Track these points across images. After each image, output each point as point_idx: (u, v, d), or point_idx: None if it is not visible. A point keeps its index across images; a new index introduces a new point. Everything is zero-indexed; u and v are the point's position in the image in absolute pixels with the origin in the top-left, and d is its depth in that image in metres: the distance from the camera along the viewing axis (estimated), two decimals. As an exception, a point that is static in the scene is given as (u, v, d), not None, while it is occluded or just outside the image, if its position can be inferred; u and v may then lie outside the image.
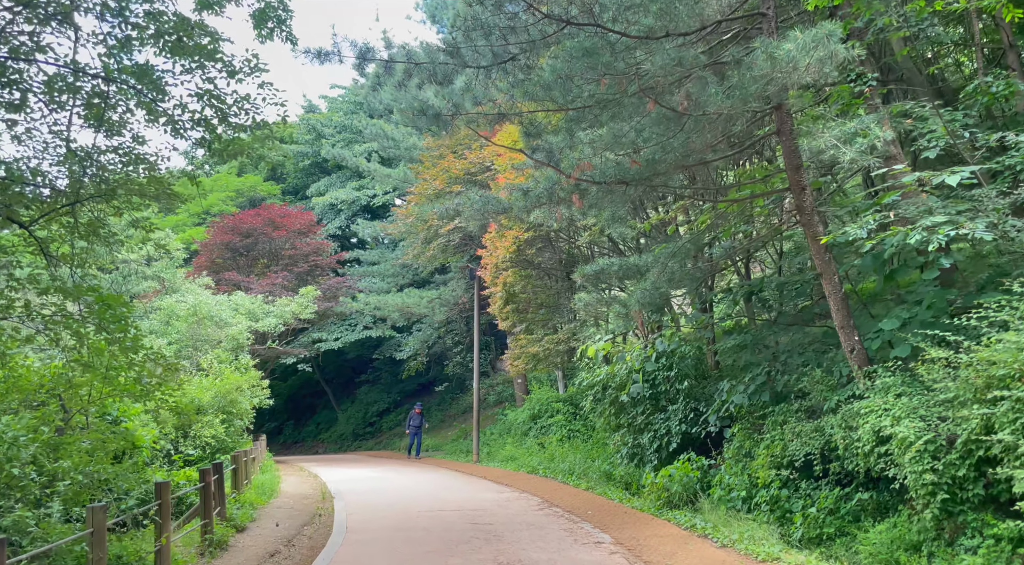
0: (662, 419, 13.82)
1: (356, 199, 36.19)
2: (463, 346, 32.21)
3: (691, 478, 11.70)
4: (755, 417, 11.60)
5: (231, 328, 22.41)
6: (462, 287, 28.61)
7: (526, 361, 18.10)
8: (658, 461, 13.53)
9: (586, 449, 18.42)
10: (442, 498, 14.40)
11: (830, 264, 10.12)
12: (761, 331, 12.46)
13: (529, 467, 19.11)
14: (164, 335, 22.26)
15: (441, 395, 34.89)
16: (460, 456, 25.69)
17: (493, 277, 17.73)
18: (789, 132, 10.09)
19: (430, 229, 23.40)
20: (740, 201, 10.97)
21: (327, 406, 42.04)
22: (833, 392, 10.12)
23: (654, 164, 9.85)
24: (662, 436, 13.60)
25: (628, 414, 14.26)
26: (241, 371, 20.62)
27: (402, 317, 29.93)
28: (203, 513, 9.07)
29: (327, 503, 13.93)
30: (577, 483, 15.47)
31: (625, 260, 12.61)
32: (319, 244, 31.27)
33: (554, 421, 21.51)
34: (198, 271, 27.68)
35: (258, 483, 15.56)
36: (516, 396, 27.41)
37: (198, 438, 18.26)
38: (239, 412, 19.80)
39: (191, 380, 19.28)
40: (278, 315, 25.07)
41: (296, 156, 41.77)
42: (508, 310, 17.56)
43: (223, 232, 29.09)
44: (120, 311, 7.99)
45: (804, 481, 9.96)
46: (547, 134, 10.39)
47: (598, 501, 13.27)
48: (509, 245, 16.24)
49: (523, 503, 13.52)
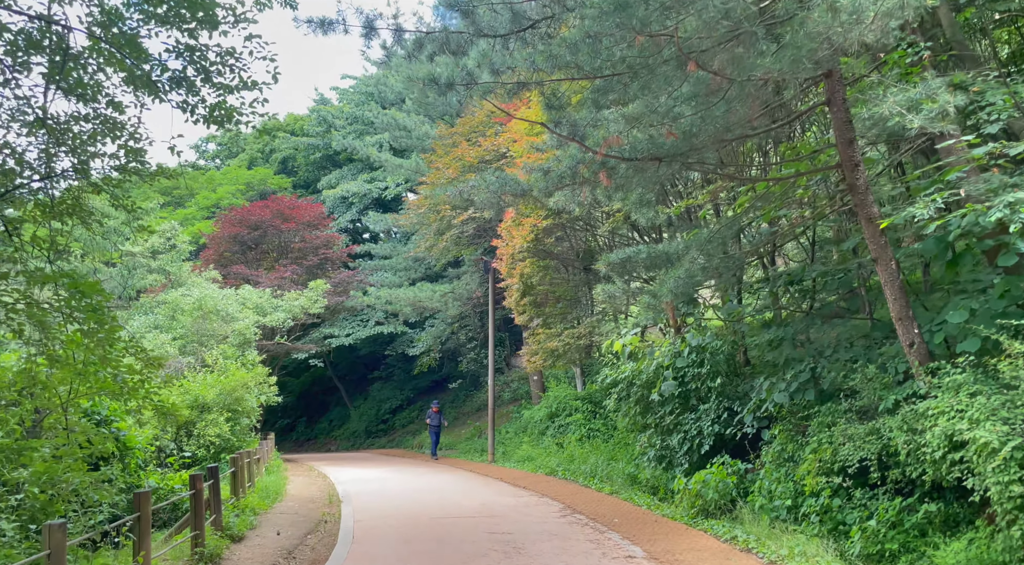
0: (692, 419, 12.85)
1: (367, 192, 35.37)
2: (477, 342, 31.36)
3: (728, 484, 10.74)
4: (798, 418, 10.62)
5: (238, 323, 21.63)
6: (476, 281, 27.71)
7: (544, 357, 17.17)
8: (688, 464, 12.58)
9: (608, 450, 17.49)
10: (456, 503, 13.52)
11: (886, 249, 9.12)
12: (801, 324, 11.46)
13: (547, 468, 18.21)
14: (169, 330, 21.52)
15: (455, 392, 34.07)
16: (474, 455, 24.82)
17: (509, 268, 16.79)
18: (841, 101, 9.10)
19: (443, 220, 22.50)
20: (783, 180, 9.97)
21: (340, 403, 41.39)
22: (889, 391, 9.14)
23: (691, 138, 8.88)
24: (693, 438, 12.64)
25: (655, 414, 13.31)
26: (247, 367, 19.84)
27: (414, 312, 29.07)
28: (193, 523, 8.23)
29: (334, 508, 13.08)
30: (600, 487, 14.54)
31: (654, 247, 11.64)
32: (329, 237, 30.45)
33: (573, 420, 20.60)
34: (205, 265, 26.94)
35: (262, 486, 14.75)
36: (532, 393, 26.50)
37: (202, 437, 17.52)
38: (245, 410, 19.03)
39: (195, 377, 18.51)
40: (287, 310, 24.27)
41: (307, 149, 41.03)
42: (525, 303, 16.61)
43: (231, 224, 28.32)
44: (96, 300, 7.12)
45: (858, 489, 8.98)
46: (571, 108, 9.44)
47: (624, 507, 12.34)
48: (527, 234, 15.30)
49: (543, 509, 12.61)
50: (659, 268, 12.00)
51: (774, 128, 9.80)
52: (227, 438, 17.80)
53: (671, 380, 12.07)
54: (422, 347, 31.36)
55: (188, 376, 18.45)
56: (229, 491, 11.37)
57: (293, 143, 40.82)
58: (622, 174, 9.52)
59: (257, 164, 43.12)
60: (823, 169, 9.57)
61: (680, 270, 10.09)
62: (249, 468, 14.14)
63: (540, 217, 15.07)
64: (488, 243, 24.62)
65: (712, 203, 12.60)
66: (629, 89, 8.86)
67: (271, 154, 43.88)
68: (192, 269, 25.63)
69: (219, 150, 49.48)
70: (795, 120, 9.97)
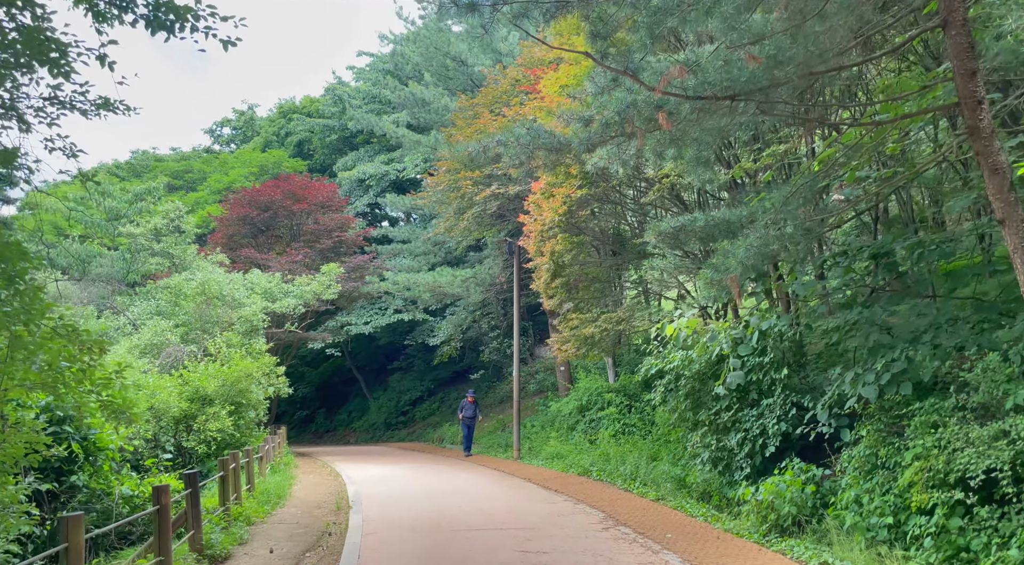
0: (754, 416, 11.08)
1: (385, 173, 33.76)
2: (500, 331, 29.73)
3: (806, 495, 8.98)
4: (891, 416, 8.82)
5: (244, 309, 20.14)
6: (499, 265, 26.01)
7: (577, 345, 15.43)
8: (751, 469, 10.82)
9: (647, 448, 15.78)
10: (481, 509, 11.88)
11: (1016, 208, 7.28)
12: (891, 304, 9.65)
13: (580, 468, 16.53)
14: (171, 316, 20.10)
15: (477, 383, 32.49)
16: (498, 451, 23.20)
17: (538, 246, 15.05)
18: (961, 22, 7.24)
19: (463, 198, 20.80)
20: (880, 125, 8.15)
21: (359, 394, 40.17)
22: (1018, 384, 7.34)
23: (773, 68, 7.10)
24: (755, 437, 10.87)
25: (709, 409, 11.55)
26: (253, 356, 18.35)
27: (434, 298, 27.45)
28: (157, 548, 6.64)
29: (342, 515, 11.49)
30: (643, 492, 12.84)
31: (712, 215, 9.88)
32: (343, 218, 28.84)
33: (605, 414, 18.90)
34: (213, 248, 25.50)
35: (263, 488, 13.23)
36: (559, 385, 24.82)
37: (202, 432, 16.06)
38: (251, 403, 17.55)
39: (196, 367, 17.04)
40: (298, 295, 22.75)
41: (322, 130, 39.53)
42: (556, 285, 14.88)
43: (240, 206, 26.80)
44: (21, 267, 5.52)
45: (984, 507, 7.19)
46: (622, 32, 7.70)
47: (676, 518, 10.63)
48: (558, 206, 13.56)
49: (581, 519, 10.93)
50: (718, 239, 10.22)
51: (875, 57, 7.96)
52: (230, 433, 16.33)
53: (739, 370, 10.30)
54: (442, 336, 29.81)
55: (189, 366, 16.99)
56: (218, 499, 9.81)
57: (308, 125, 39.35)
58: (684, 117, 7.76)
59: (272, 148, 41.74)
60: (935, 109, 7.73)
61: (752, 238, 8.32)
62: (248, 469, 12.62)
63: (574, 186, 13.32)
64: (512, 224, 22.92)
65: (780, 164, 10.77)
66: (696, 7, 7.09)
67: (286, 137, 42.48)
68: (199, 252, 24.18)
69: (234, 134, 48.24)
70: (904, 46, 8.13)
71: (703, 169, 10.04)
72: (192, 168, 40.12)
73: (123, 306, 20.94)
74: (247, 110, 48.34)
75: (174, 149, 45.94)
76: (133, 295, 23.47)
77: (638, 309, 15.96)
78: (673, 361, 11.73)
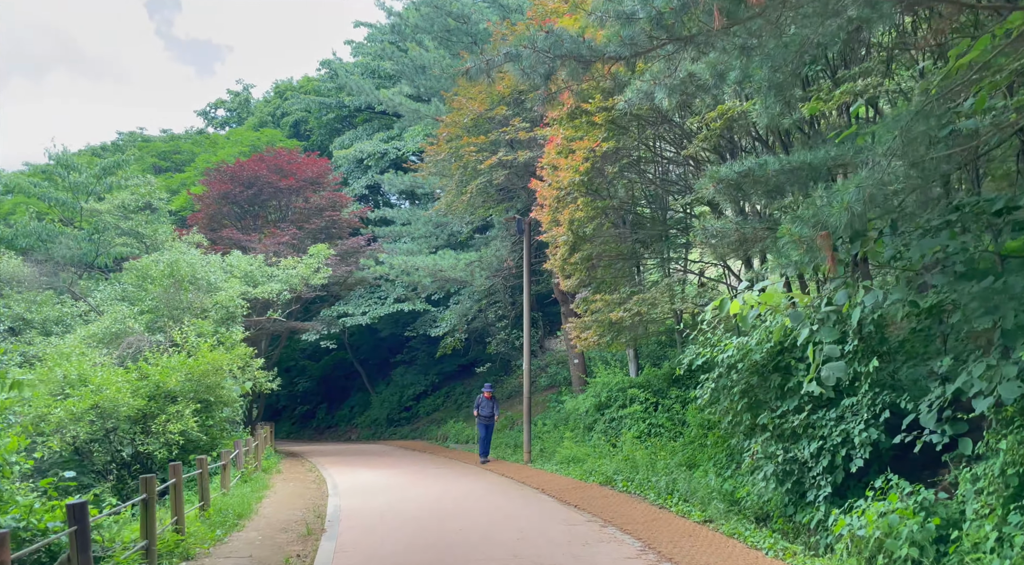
0: (831, 419, 8.72)
1: (384, 153, 31.42)
2: (507, 321, 27.44)
3: (928, 531, 6.60)
4: (1044, 422, 6.46)
5: (221, 293, 17.83)
6: (507, 247, 23.64)
7: (600, 332, 13.05)
8: (831, 487, 8.45)
9: (680, 452, 13.46)
10: (487, 535, 9.57)
11: None
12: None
13: (601, 476, 14.22)
14: (137, 302, 17.83)
15: (483, 377, 30.21)
16: (506, 452, 20.88)
17: (553, 214, 12.65)
18: None
19: (466, 167, 18.41)
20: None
21: (361, 388, 38.18)
22: None
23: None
24: (835, 447, 8.51)
25: (773, 411, 9.19)
26: (227, 347, 16.06)
27: (435, 284, 25.11)
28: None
29: (310, 544, 9.18)
30: (684, 510, 10.49)
31: (790, 156, 7.50)
32: (336, 196, 26.40)
33: (628, 413, 16.55)
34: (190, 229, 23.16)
35: (224, 504, 10.93)
36: (573, 379, 22.47)
37: (162, 434, 13.83)
38: (223, 400, 15.28)
39: (159, 359, 14.77)
40: (283, 279, 20.43)
41: (319, 109, 37.21)
42: (575, 261, 12.48)
43: (221, 182, 24.41)
44: None
45: None
46: None
47: (736, 552, 8.28)
48: (579, 163, 11.16)
49: (612, 550, 8.59)
50: (795, 189, 7.85)
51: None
52: (195, 435, 14.08)
53: (837, 360, 7.89)
54: (446, 327, 27.52)
55: (150, 358, 14.73)
56: (141, 531, 7.50)
57: (304, 103, 37.02)
58: None
59: (267, 129, 39.45)
60: None
61: (864, 175, 5.93)
62: (202, 482, 10.32)
63: (598, 138, 10.93)
64: (521, 202, 20.61)
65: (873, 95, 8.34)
66: None
67: (282, 117, 40.21)
68: (175, 232, 21.87)
69: (228, 117, 45.98)
70: None
71: (776, 97, 7.63)
72: (180, 149, 37.88)
73: (86, 291, 18.76)
74: (242, 91, 45.99)
75: (165, 131, 43.85)
76: (103, 280, 21.24)
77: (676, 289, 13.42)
78: (727, 349, 9.34)
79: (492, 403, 19.28)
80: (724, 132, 9.53)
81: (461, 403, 31.44)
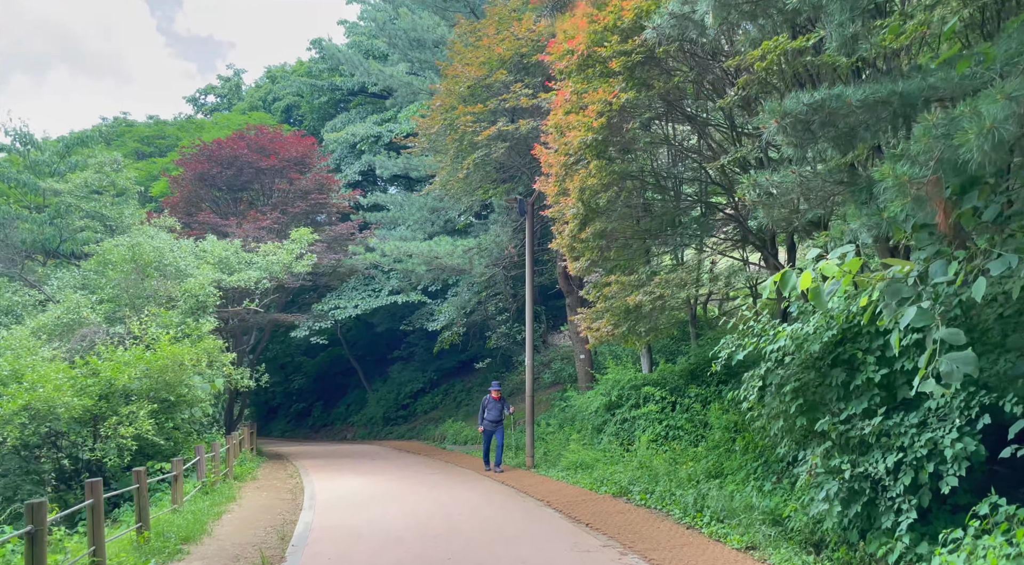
0: (913, 425, 6.97)
1: (378, 136, 29.67)
2: (508, 314, 25.75)
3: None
4: None
5: (190, 281, 16.08)
6: (507, 233, 21.88)
7: (614, 321, 11.25)
8: (916, 512, 6.70)
9: (703, 458, 11.75)
10: (482, 563, 7.84)
11: None
12: None
13: (615, 486, 12.50)
14: (98, 289, 16.09)
15: (483, 373, 28.54)
16: (506, 456, 19.11)
17: (560, 183, 10.85)
18: None
19: (463, 140, 16.61)
20: None
21: (358, 385, 36.70)
22: None
23: None
24: (919, 460, 6.76)
25: (835, 415, 7.44)
26: (192, 340, 14.30)
27: (431, 273, 23.37)
28: None
29: (263, 579, 7.45)
30: (719, 533, 8.74)
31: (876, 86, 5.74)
32: (323, 179, 24.56)
33: (642, 413, 14.84)
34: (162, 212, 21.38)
35: (170, 525, 9.19)
36: (579, 376, 20.75)
37: (113, 438, 12.11)
38: (187, 399, 13.56)
39: (113, 353, 13.05)
40: (263, 266, 18.67)
41: (311, 92, 35.42)
42: (586, 237, 10.66)
43: (198, 162, 22.63)
44: None
45: None
46: None
47: (796, 594, 6.53)
48: (591, 119, 9.35)
49: (638, 590, 6.85)
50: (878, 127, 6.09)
51: None
52: (151, 440, 12.35)
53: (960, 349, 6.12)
54: (443, 320, 25.81)
55: (103, 352, 13.00)
56: (26, 570, 5.78)
57: (296, 86, 35.30)
58: None
59: (257, 112, 37.70)
60: None
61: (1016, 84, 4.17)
62: (139, 501, 8.59)
63: (615, 89, 9.13)
64: (523, 185, 18.89)
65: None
66: None
67: (273, 102, 38.48)
68: (147, 216, 20.10)
69: (218, 103, 44.20)
70: None
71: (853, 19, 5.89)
72: (165, 133, 36.10)
73: (42, 278, 17.08)
74: (233, 76, 44.18)
75: (151, 117, 41.98)
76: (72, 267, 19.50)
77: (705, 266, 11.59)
78: (778, 339, 7.59)
79: (500, 404, 16.95)
80: (761, 86, 7.67)
81: (460, 401, 29.79)
